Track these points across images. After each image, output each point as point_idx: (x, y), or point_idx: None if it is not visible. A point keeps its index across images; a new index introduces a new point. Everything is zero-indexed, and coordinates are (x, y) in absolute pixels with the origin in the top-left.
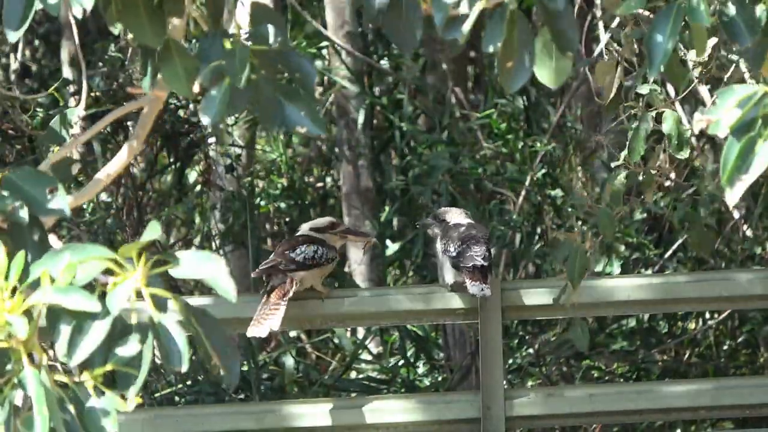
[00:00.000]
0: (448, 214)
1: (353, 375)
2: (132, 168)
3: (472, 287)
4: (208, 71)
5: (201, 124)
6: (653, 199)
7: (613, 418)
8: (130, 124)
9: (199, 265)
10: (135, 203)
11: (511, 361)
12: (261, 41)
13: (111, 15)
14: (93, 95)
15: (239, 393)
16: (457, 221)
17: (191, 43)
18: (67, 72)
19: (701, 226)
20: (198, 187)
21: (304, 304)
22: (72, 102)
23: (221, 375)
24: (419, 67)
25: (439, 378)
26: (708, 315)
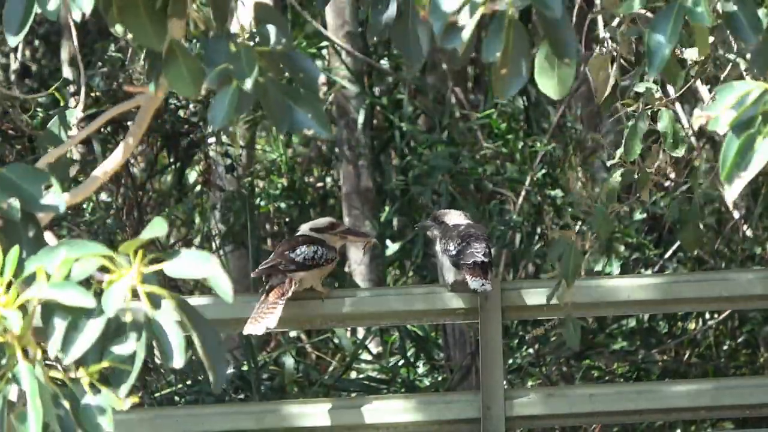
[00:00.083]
0: (446, 215)
1: (353, 375)
2: (132, 168)
3: (473, 282)
4: (214, 74)
5: (201, 124)
6: (653, 199)
7: (613, 418)
8: (130, 124)
9: (196, 265)
10: (135, 203)
11: (511, 361)
12: (265, 42)
13: (112, 17)
14: (93, 95)
15: (239, 393)
16: (456, 222)
17: (191, 43)
18: (67, 72)
19: (695, 224)
20: (198, 187)
21: (304, 304)
22: (72, 102)
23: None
24: (419, 67)
25: (439, 378)
26: (708, 315)
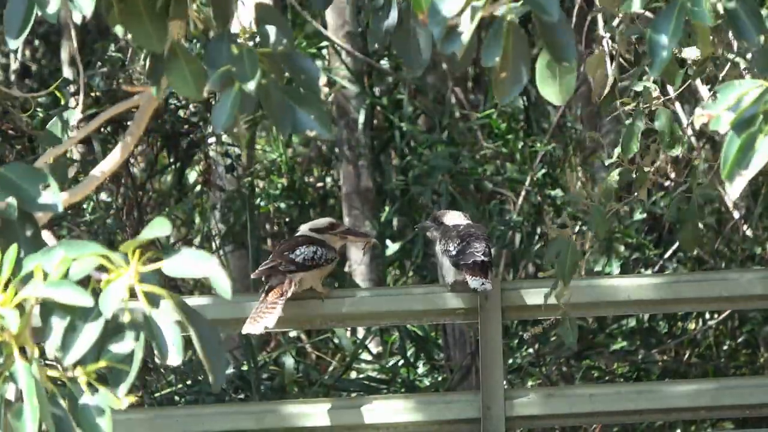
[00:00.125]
0: (446, 216)
1: (353, 375)
2: (132, 168)
3: (473, 282)
4: (217, 77)
5: (201, 124)
6: (653, 199)
7: (613, 418)
8: (129, 123)
9: (194, 263)
10: (135, 203)
11: (511, 361)
12: (266, 43)
13: (113, 18)
14: (93, 95)
15: (239, 393)
16: (456, 222)
17: (191, 43)
18: (67, 72)
19: (694, 224)
20: (198, 187)
21: (304, 304)
22: (72, 102)
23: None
24: (420, 73)
25: (439, 378)
26: (708, 315)
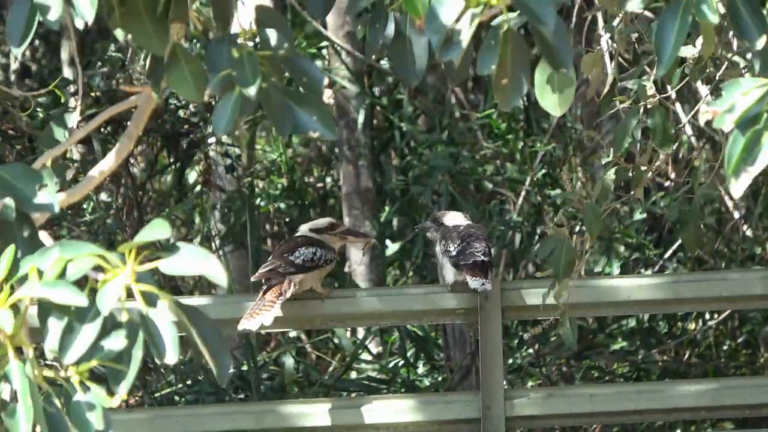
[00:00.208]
0: (446, 216)
1: (353, 375)
2: (132, 168)
3: (473, 282)
4: (217, 81)
5: (201, 124)
6: (653, 200)
7: (613, 418)
8: (129, 124)
9: (190, 260)
10: (135, 203)
11: (511, 361)
12: (267, 46)
13: (114, 22)
14: (93, 95)
15: (239, 393)
16: (456, 223)
17: (191, 43)
18: (67, 72)
19: (696, 224)
20: (198, 187)
21: (304, 304)
22: (72, 102)
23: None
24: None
25: (439, 378)
26: (708, 315)
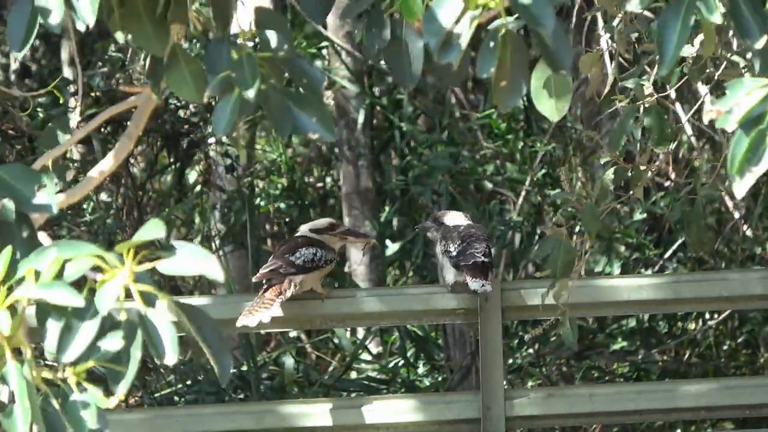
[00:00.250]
0: (446, 216)
1: (353, 375)
2: (132, 168)
3: (473, 283)
4: (216, 82)
5: (201, 124)
6: (653, 200)
7: (613, 418)
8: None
9: (186, 259)
10: (135, 203)
11: (511, 361)
12: (267, 48)
13: (114, 23)
14: (93, 95)
15: (239, 393)
16: (457, 223)
17: (191, 43)
18: (67, 72)
19: (699, 225)
20: (198, 187)
21: (304, 304)
22: (72, 102)
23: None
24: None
25: (439, 378)
26: (708, 315)
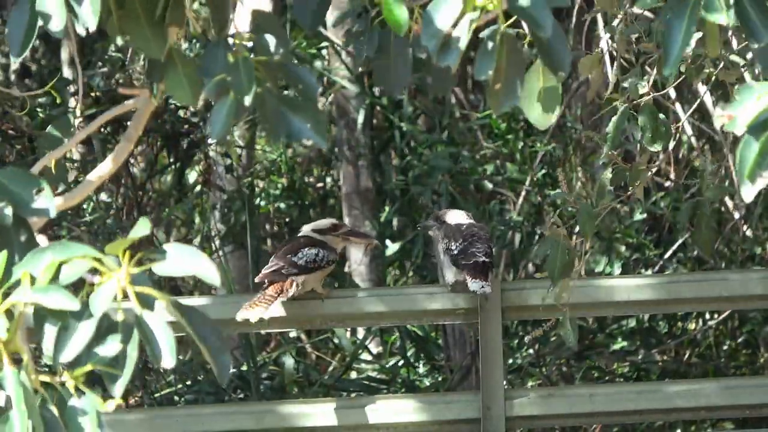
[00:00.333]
0: (448, 215)
1: (353, 375)
2: (132, 168)
3: (472, 284)
4: (212, 86)
5: (201, 124)
6: (653, 200)
7: (613, 418)
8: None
9: (179, 260)
10: (135, 203)
11: (511, 361)
12: (263, 52)
13: (112, 26)
14: (93, 95)
15: (239, 393)
16: (458, 222)
17: (191, 43)
18: (67, 72)
19: (707, 225)
20: (198, 187)
21: (304, 304)
22: (72, 102)
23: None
24: (398, 94)
25: (439, 378)
26: (708, 315)
